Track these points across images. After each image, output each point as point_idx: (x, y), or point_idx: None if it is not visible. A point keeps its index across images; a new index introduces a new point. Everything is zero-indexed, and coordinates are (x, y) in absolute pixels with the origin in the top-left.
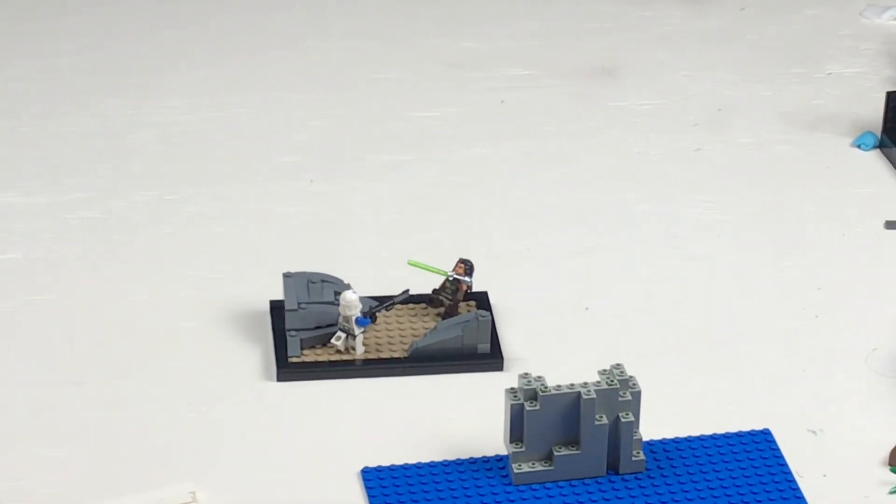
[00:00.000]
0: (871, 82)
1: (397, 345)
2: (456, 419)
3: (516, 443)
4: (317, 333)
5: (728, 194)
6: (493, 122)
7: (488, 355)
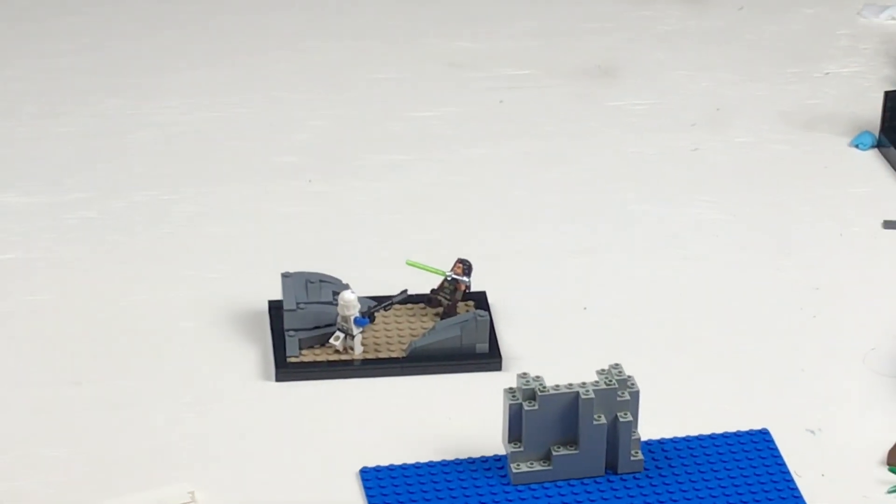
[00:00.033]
0: (869, 82)
1: (396, 345)
2: (454, 419)
3: (515, 443)
4: (315, 333)
5: (726, 194)
6: (493, 122)
7: (487, 355)
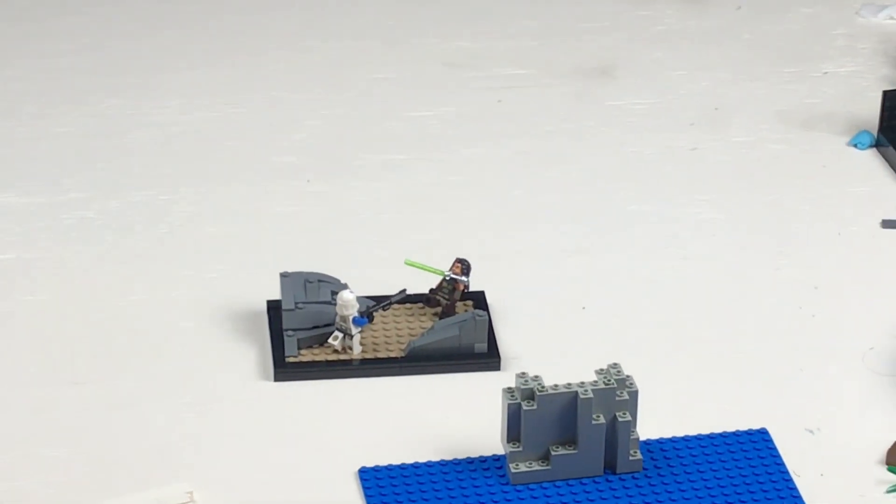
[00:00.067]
0: (868, 81)
1: (394, 344)
2: (453, 419)
3: (513, 442)
4: (314, 333)
5: (724, 193)
6: (491, 122)
7: (485, 355)
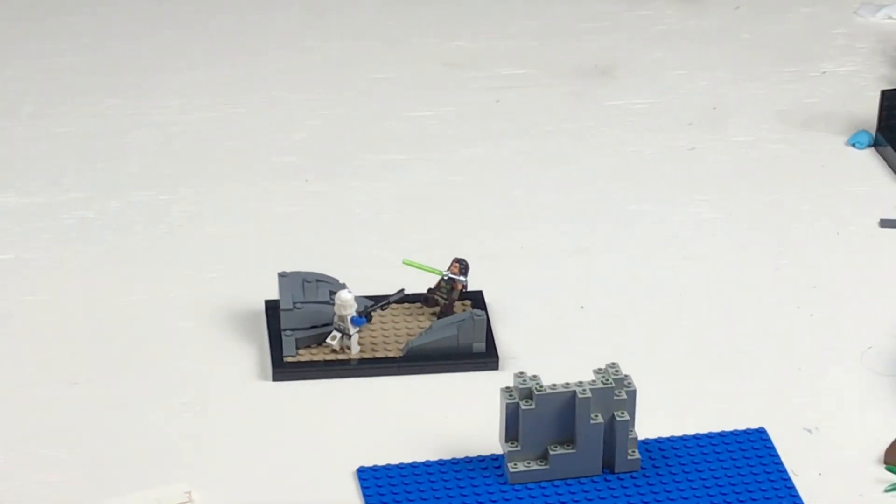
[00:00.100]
0: (866, 81)
1: (392, 344)
2: (451, 418)
3: (512, 442)
4: (312, 333)
5: (723, 193)
6: (491, 122)
7: (483, 354)
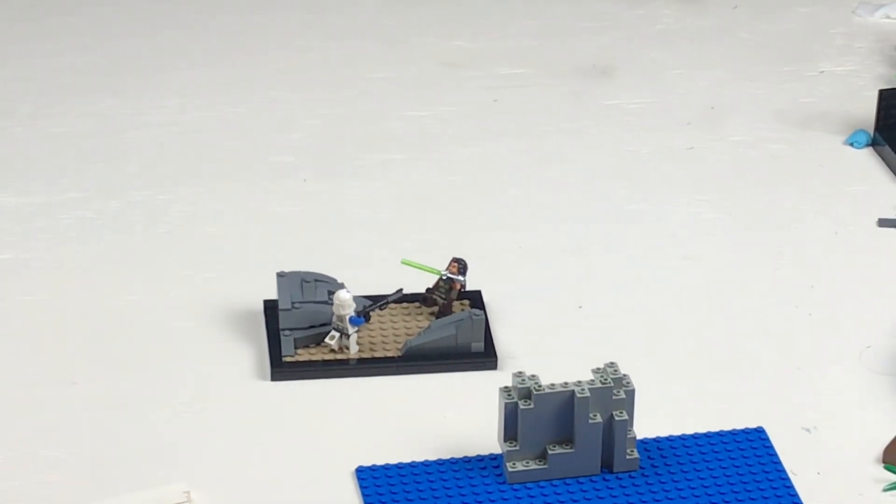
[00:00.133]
0: (864, 80)
1: (391, 344)
2: (450, 418)
3: (510, 441)
4: (310, 333)
5: (721, 192)
6: (489, 122)
7: (482, 354)
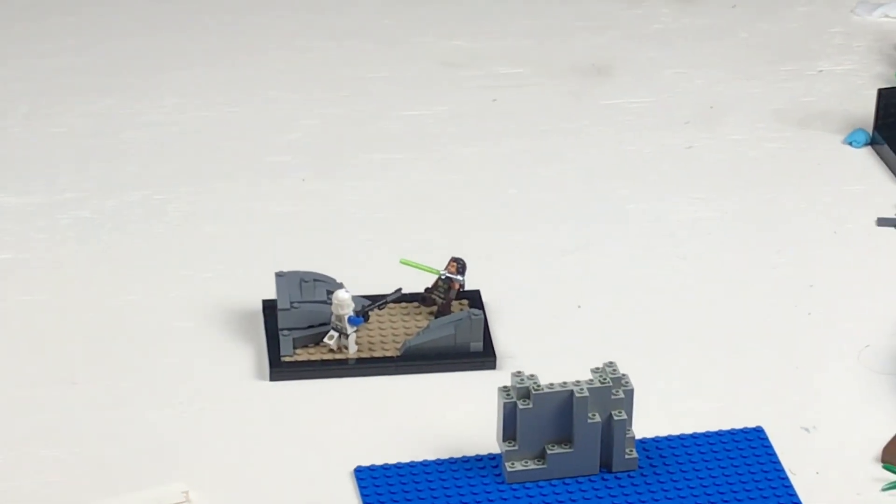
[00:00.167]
0: (863, 79)
1: (390, 343)
2: (449, 418)
3: (509, 441)
4: (309, 332)
5: (720, 191)
6: (487, 121)
7: (481, 354)
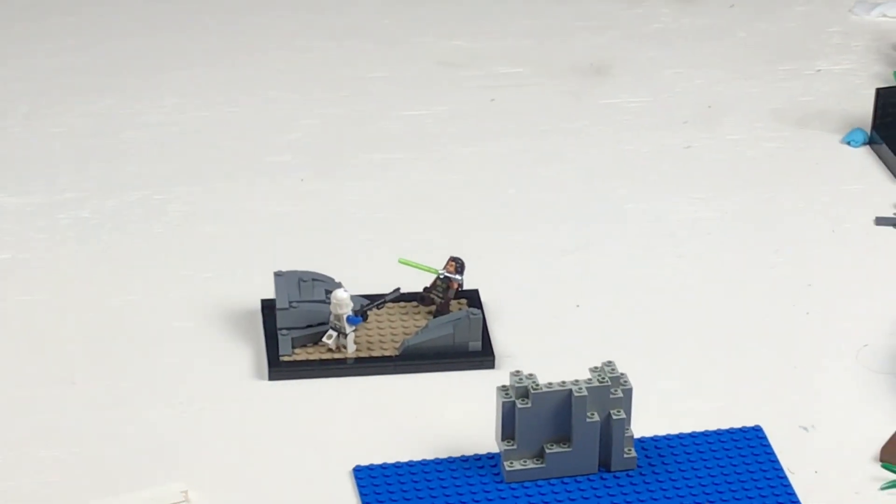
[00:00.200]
0: (861, 79)
1: (389, 343)
2: (447, 417)
3: (508, 440)
4: (308, 332)
5: (718, 191)
6: (486, 121)
7: (480, 353)
